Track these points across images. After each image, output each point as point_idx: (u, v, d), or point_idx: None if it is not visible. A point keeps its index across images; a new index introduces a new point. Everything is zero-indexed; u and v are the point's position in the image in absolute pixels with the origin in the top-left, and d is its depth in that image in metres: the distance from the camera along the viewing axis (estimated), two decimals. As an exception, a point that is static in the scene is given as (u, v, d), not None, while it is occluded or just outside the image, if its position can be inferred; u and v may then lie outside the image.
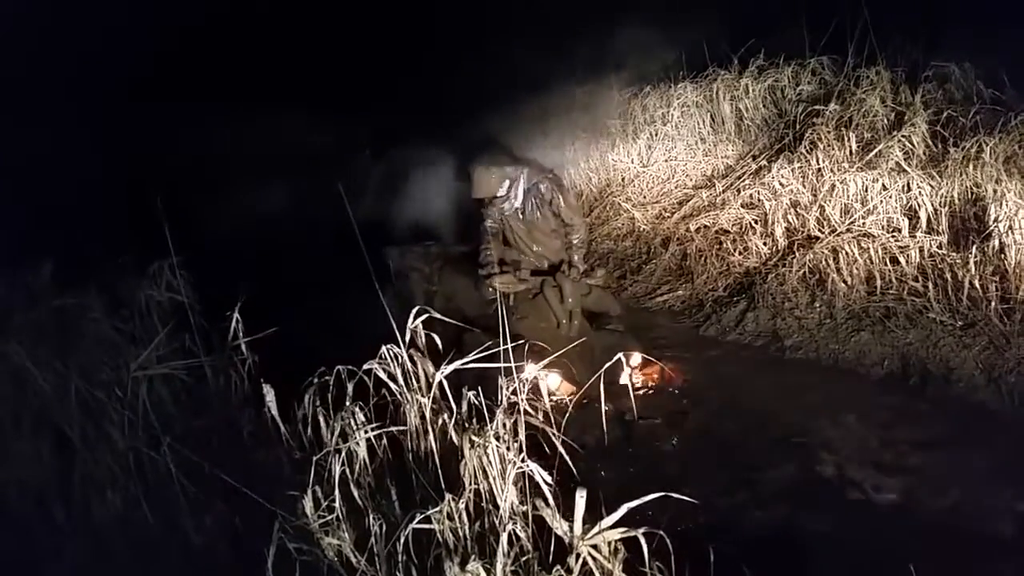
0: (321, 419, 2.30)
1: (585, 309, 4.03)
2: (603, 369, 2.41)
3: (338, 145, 7.71)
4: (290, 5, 9.15)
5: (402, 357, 2.29)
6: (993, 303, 3.77)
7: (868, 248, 4.25)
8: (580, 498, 1.75)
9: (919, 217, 4.32)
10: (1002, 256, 3.88)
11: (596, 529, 1.75)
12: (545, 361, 2.54)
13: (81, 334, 2.97)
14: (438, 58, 8.67)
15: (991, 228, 3.97)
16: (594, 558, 1.76)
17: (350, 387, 2.31)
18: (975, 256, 3.92)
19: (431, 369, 2.30)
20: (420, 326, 2.35)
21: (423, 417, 2.27)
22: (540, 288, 3.98)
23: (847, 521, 2.69)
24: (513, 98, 7.69)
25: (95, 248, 3.65)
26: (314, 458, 2.13)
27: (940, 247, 4.12)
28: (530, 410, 2.16)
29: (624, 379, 3.65)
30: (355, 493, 2.13)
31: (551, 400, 3.43)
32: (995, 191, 4.08)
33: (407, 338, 2.32)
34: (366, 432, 2.19)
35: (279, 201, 6.70)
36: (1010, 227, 3.89)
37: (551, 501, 1.85)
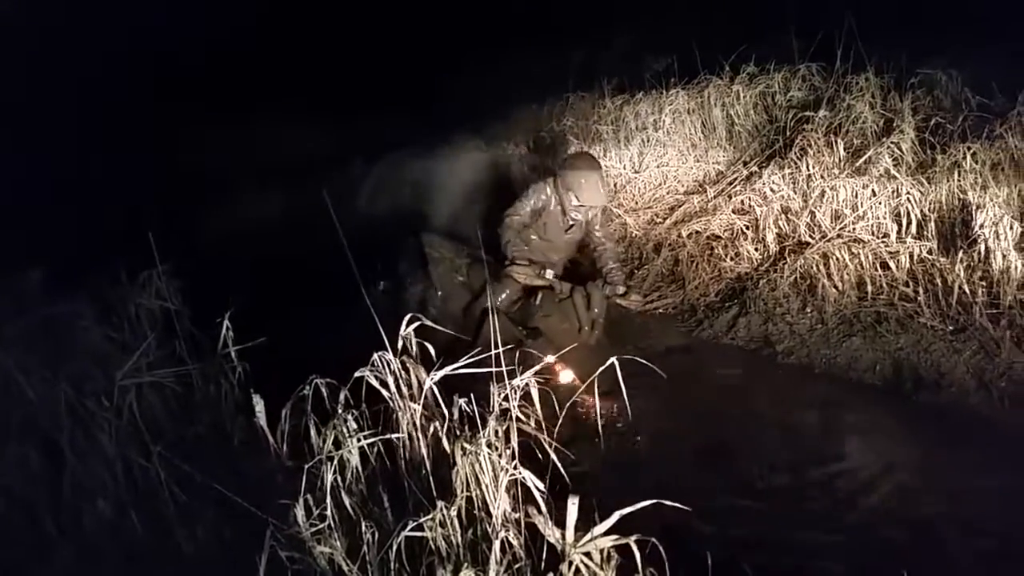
0: (312, 427, 2.30)
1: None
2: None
3: (334, 151, 7.69)
4: (284, 11, 9.19)
5: (394, 364, 2.29)
6: (982, 308, 3.80)
7: (858, 253, 4.27)
8: (572, 505, 1.75)
9: (909, 222, 4.34)
10: (988, 261, 3.91)
11: (588, 537, 1.75)
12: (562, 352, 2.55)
13: (71, 342, 2.95)
14: (434, 61, 8.71)
15: (977, 233, 3.99)
16: (587, 565, 1.76)
17: (342, 395, 2.30)
18: (963, 261, 3.94)
19: (423, 376, 2.30)
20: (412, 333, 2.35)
21: (415, 424, 2.27)
22: (570, 293, 4.17)
23: (841, 527, 2.69)
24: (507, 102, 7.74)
25: (86, 256, 3.63)
26: (306, 466, 2.12)
27: (930, 252, 4.13)
28: (522, 417, 2.16)
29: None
30: (347, 501, 2.12)
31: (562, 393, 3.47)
32: (981, 197, 4.11)
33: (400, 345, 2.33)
34: (358, 440, 2.19)
35: (273, 208, 6.68)
36: (995, 233, 3.92)
37: (543, 508, 1.85)
